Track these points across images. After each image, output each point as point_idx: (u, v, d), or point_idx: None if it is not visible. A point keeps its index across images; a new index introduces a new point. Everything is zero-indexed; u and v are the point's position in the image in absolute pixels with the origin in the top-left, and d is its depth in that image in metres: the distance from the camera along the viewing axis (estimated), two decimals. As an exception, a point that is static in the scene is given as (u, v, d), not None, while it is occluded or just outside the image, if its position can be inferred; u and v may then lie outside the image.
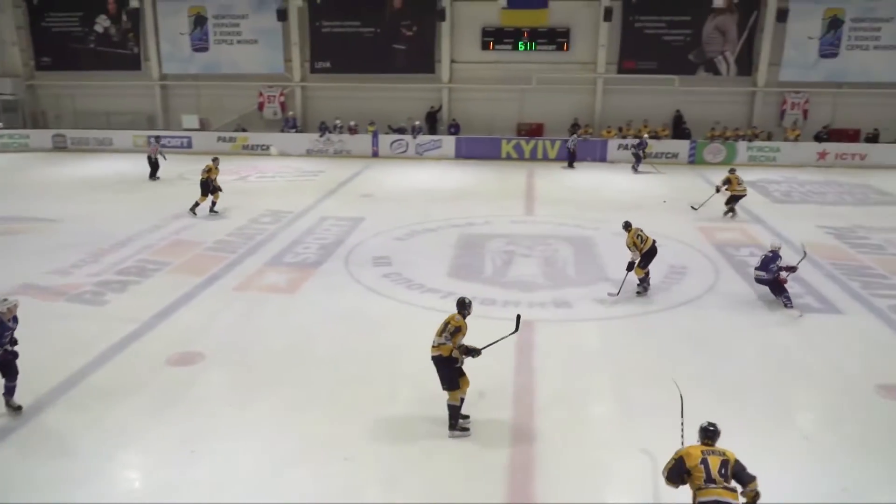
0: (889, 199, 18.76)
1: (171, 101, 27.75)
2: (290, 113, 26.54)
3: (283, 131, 26.29)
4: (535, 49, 25.06)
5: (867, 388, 8.16)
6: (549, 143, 24.50)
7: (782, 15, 23.78)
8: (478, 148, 24.76)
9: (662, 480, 5.47)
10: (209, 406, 7.68)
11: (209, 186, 16.10)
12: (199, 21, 26.52)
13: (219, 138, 25.84)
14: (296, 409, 7.61)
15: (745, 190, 16.41)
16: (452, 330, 7.07)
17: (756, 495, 5.19)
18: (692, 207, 16.71)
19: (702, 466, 5.18)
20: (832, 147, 23.82)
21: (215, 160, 16.45)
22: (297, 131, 26.18)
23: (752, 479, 5.19)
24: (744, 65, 24.83)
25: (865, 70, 24.54)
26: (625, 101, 25.21)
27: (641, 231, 11.21)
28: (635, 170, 22.53)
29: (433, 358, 7.15)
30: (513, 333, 7.34)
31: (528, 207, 17.68)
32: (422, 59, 25.74)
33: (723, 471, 5.17)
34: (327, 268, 12.51)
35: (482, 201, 17.97)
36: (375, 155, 25.12)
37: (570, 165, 23.26)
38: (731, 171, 16.71)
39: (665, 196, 18.64)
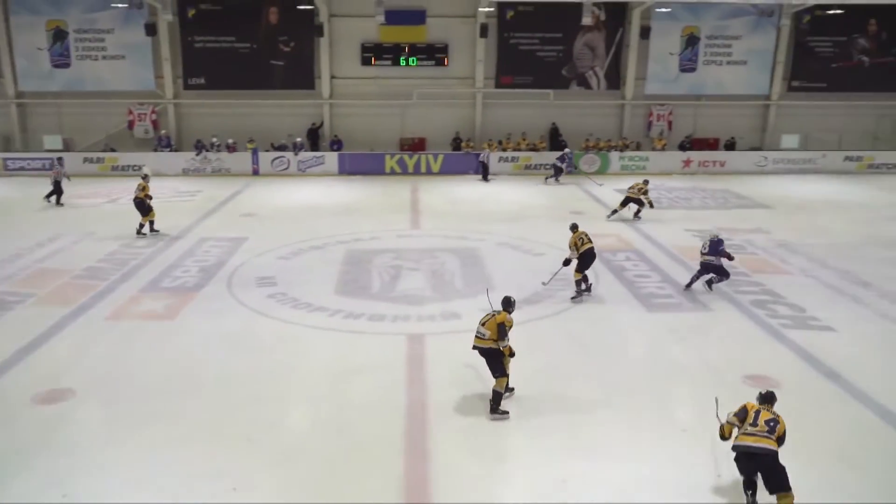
0: (747, 202, 20.24)
1: (30, 121, 25.92)
2: (164, 131, 25.44)
3: (156, 150, 25.15)
4: (415, 64, 25.32)
5: (736, 379, 8.74)
6: (431, 157, 24.78)
7: (645, 32, 25.25)
8: (361, 163, 24.69)
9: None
10: (82, 445, 7.18)
11: (145, 205, 15.58)
12: (59, 35, 24.98)
13: (85, 159, 24.38)
14: (179, 441, 7.25)
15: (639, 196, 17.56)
16: (509, 329, 7.87)
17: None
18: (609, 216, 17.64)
19: (754, 415, 6.19)
20: (695, 155, 25.47)
21: (146, 177, 15.98)
22: (171, 150, 25.13)
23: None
24: (612, 79, 26.14)
25: (720, 83, 26.46)
26: (504, 115, 25.90)
27: (585, 235, 11.71)
28: (556, 180, 23.27)
29: (484, 349, 7.89)
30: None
31: (414, 221, 17.79)
32: (301, 75, 25.41)
33: (771, 424, 6.09)
34: (209, 291, 12.05)
35: (368, 217, 17.92)
36: (256, 173, 24.51)
37: (485, 179, 23.74)
38: (646, 181, 18.00)
39: (549, 205, 19.29)
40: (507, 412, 7.75)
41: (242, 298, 11.65)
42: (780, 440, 6.08)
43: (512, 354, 8.07)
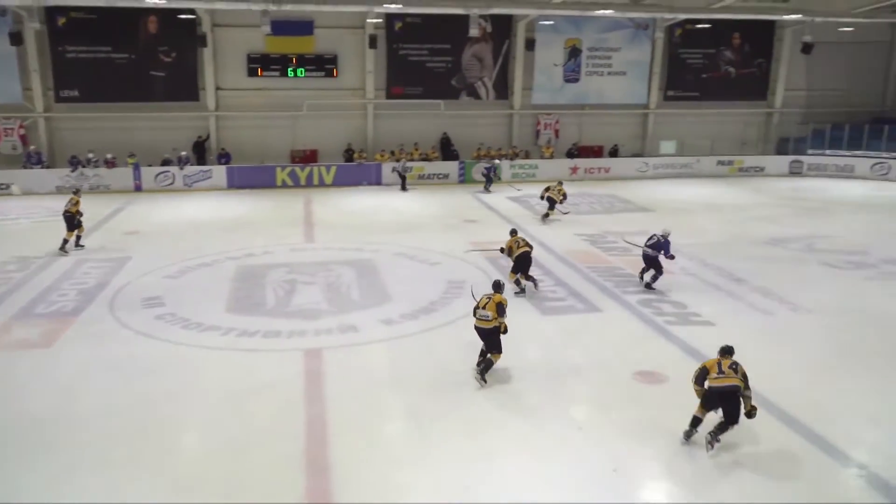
0: (630, 206, 21.20)
1: None
2: (33, 147, 23.87)
3: (25, 167, 23.56)
4: (304, 75, 25.00)
5: (626, 375, 9.12)
6: (324, 169, 24.51)
7: (530, 44, 26.03)
8: (251, 177, 24.09)
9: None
10: (-51, 488, 6.61)
11: (74, 220, 15.21)
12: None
13: (-56, 178, 22.56)
14: (61, 477, 6.80)
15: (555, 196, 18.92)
16: (504, 308, 8.97)
17: (753, 409, 7.35)
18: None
19: (716, 366, 7.43)
20: (582, 162, 26.47)
21: (77, 192, 15.86)
22: (43, 167, 23.62)
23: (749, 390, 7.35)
24: (501, 89, 26.78)
25: (602, 93, 27.67)
26: (395, 126, 26.00)
27: (522, 240, 12.54)
28: (487, 190, 23.59)
29: (484, 329, 8.95)
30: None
31: (308, 234, 17.51)
32: (184, 87, 24.54)
33: (733, 367, 7.40)
34: (89, 315, 11.38)
35: (260, 231, 17.49)
36: (138, 189, 23.42)
37: (403, 188, 23.77)
38: (560, 182, 19.70)
39: (437, 214, 19.47)
40: (486, 382, 8.79)
41: (127, 321, 11.08)
42: (745, 378, 7.37)
43: (505, 331, 9.00)
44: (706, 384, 7.43)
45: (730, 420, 7.30)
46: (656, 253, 12.60)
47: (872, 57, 29.85)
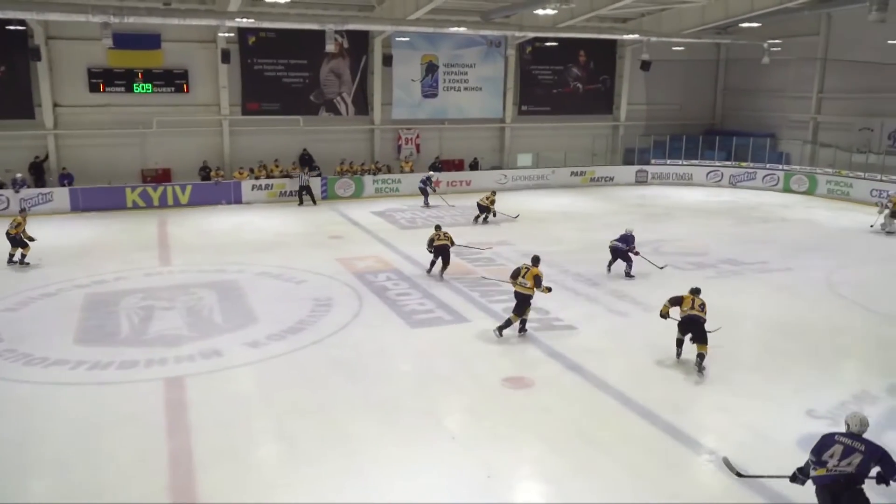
0: (491, 217, 21.76)
1: None
2: None
3: None
4: (152, 91, 23.81)
5: (495, 382, 9.36)
6: (178, 189, 23.41)
7: (387, 60, 26.24)
8: (98, 199, 22.56)
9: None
10: None
11: (20, 240, 15.36)
12: None
13: None
14: None
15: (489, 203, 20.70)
16: (541, 280, 10.86)
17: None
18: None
19: (690, 301, 9.99)
20: (444, 176, 26.93)
21: (23, 211, 16.59)
22: None
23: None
24: (360, 105, 26.79)
25: (460, 108, 28.38)
26: (253, 142, 25.32)
27: (444, 234, 14.57)
28: (426, 205, 23.39)
29: (522, 294, 10.86)
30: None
31: (164, 257, 16.65)
32: (17, 103, 22.60)
33: (701, 306, 9.96)
34: (-89, 357, 10.22)
35: (110, 256, 16.40)
36: (-34, 215, 21.31)
37: (312, 202, 23.62)
38: (493, 192, 21.46)
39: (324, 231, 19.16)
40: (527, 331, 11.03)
41: (-42, 361, 10.05)
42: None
43: (549, 290, 11.13)
44: (680, 314, 9.94)
45: (699, 341, 9.69)
46: (624, 246, 14.59)
47: (703, 74, 32.66)
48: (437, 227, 14.91)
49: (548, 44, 28.47)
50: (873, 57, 25.48)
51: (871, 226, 19.60)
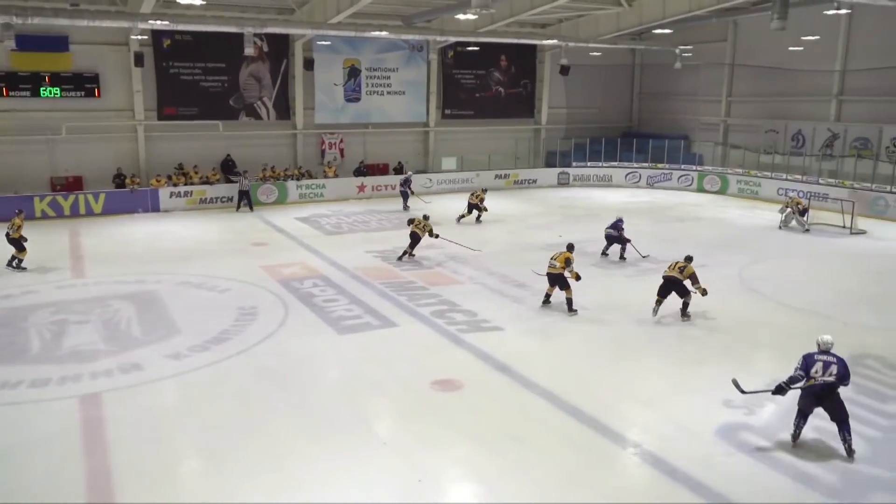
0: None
1: None
2: None
3: None
4: (60, 95, 22.77)
5: (424, 386, 9.37)
6: (91, 197, 22.45)
7: (309, 64, 25.90)
8: (4, 208, 21.18)
9: None
10: None
11: (20, 242, 15.40)
12: None
13: None
14: None
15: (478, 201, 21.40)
16: (571, 262, 12.47)
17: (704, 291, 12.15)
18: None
19: (674, 264, 12.22)
20: (369, 180, 26.80)
21: (20, 213, 15.96)
22: None
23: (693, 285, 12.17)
24: (282, 109, 26.36)
25: (384, 112, 28.31)
26: (171, 148, 24.56)
27: (420, 222, 16.61)
28: (406, 208, 23.36)
29: (552, 274, 12.51)
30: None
31: (77, 269, 15.92)
32: None
33: (681, 268, 12.09)
34: None
35: (16, 270, 15.59)
36: None
37: (249, 207, 23.36)
38: (484, 190, 22.39)
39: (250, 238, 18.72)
40: (577, 310, 12.41)
41: None
42: (691, 277, 12.07)
43: (578, 278, 12.48)
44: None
45: (682, 296, 12.13)
46: (615, 232, 16.35)
47: (620, 78, 33.68)
48: (426, 217, 16.91)
49: (469, 48, 28.75)
50: (776, 62, 26.87)
51: (780, 227, 20.59)
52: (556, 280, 12.54)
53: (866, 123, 25.01)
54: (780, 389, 7.97)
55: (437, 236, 16.84)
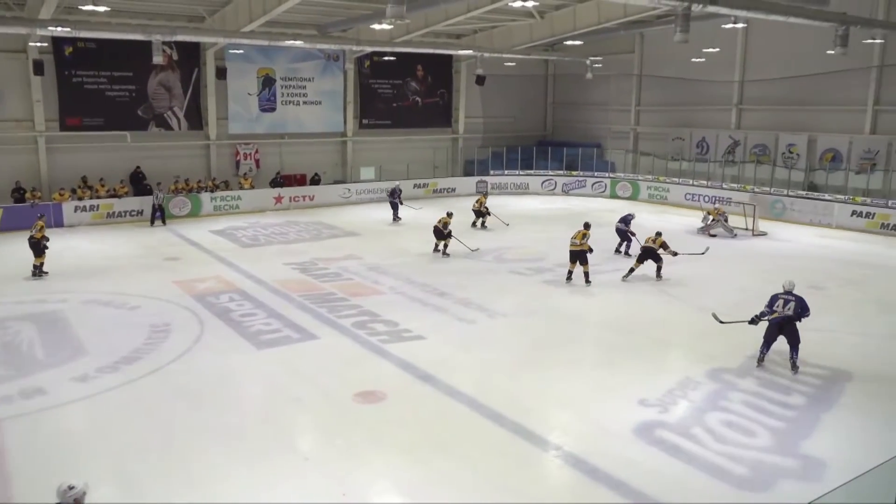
0: (337, 231, 21.64)
1: None
2: None
3: None
4: (-50, 106, 21.44)
5: (346, 398, 9.26)
6: (-12, 213, 21.20)
7: (221, 73, 25.33)
8: None
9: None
10: None
11: (40, 246, 15.50)
12: None
13: None
14: None
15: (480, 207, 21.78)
16: (588, 237, 14.84)
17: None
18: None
19: (648, 238, 15.13)
20: (286, 191, 26.36)
21: (42, 217, 16.35)
22: None
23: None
24: (194, 119, 25.63)
25: (300, 122, 27.94)
26: (75, 160, 23.45)
27: (443, 218, 17.93)
28: (396, 219, 23.20)
29: (575, 251, 14.74)
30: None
31: (-28, 289, 14.99)
32: None
33: (652, 240, 15.07)
34: None
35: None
36: None
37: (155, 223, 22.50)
38: (485, 195, 22.99)
39: (143, 254, 18.02)
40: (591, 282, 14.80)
41: None
42: (662, 245, 15.07)
43: (590, 251, 14.91)
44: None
45: (657, 262, 15.22)
46: (623, 225, 17.51)
47: (534, 88, 34.41)
48: (449, 214, 18.07)
49: (386, 58, 28.72)
50: (681, 73, 28.07)
51: (699, 231, 21.29)
52: (577, 256, 14.74)
53: (764, 131, 26.45)
54: (754, 321, 10.25)
55: (448, 234, 18.12)
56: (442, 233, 18.05)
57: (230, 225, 22.39)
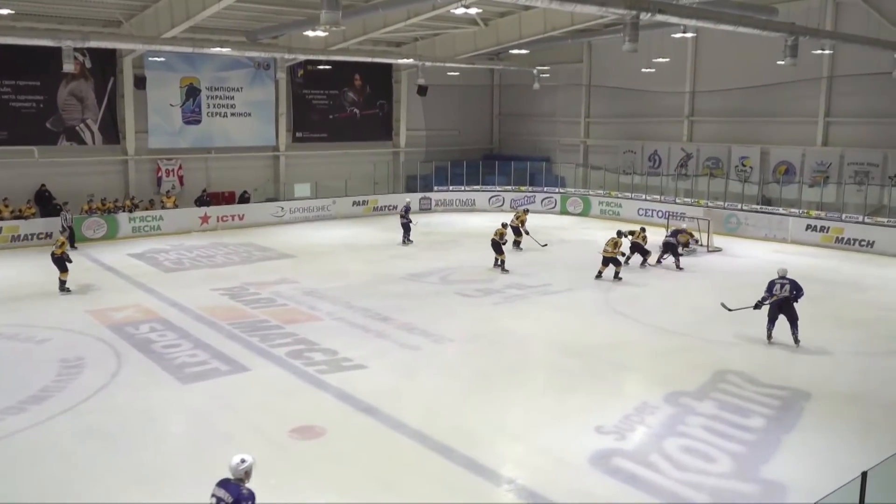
0: (271, 253, 21.38)
1: None
2: None
3: None
4: None
5: (282, 435, 9.10)
6: None
7: (140, 82, 24.87)
8: None
9: None
10: None
11: (63, 261, 16.27)
12: None
13: None
14: None
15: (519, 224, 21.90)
16: (618, 244, 17.56)
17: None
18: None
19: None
20: (213, 210, 25.93)
21: (64, 231, 18.04)
22: None
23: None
24: (110, 133, 25.03)
25: (228, 135, 27.59)
26: (-25, 178, 22.66)
27: (498, 229, 18.94)
28: (407, 240, 22.70)
29: (606, 257, 17.27)
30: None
31: None
32: None
33: (635, 235, 18.79)
34: None
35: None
36: None
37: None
38: (525, 210, 23.24)
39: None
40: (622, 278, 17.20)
41: None
42: (643, 239, 18.71)
43: (624, 255, 18.20)
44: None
45: (643, 255, 18.66)
46: (674, 239, 19.06)
47: (479, 99, 34.92)
48: (504, 225, 19.25)
49: (321, 67, 28.70)
50: (631, 84, 28.83)
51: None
52: (609, 261, 17.26)
53: (716, 143, 27.37)
54: (758, 306, 12.72)
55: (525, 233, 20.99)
56: (500, 246, 18.63)
57: (151, 248, 21.88)
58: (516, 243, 21.51)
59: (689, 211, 24.68)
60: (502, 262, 18.69)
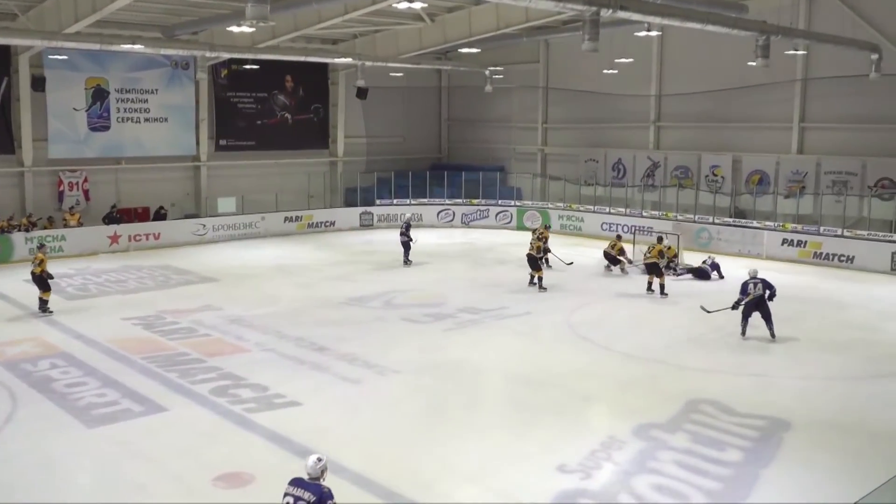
0: (191, 277, 21.11)
1: None
2: None
3: None
4: None
5: (205, 484, 8.95)
6: None
7: (39, 83, 24.40)
8: None
9: None
10: None
11: (44, 280, 16.57)
12: None
13: None
14: None
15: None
16: (663, 252, 19.33)
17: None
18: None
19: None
20: (124, 229, 25.47)
21: (42, 247, 17.57)
22: None
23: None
24: (3, 141, 24.50)
25: (141, 143, 27.24)
26: None
27: (531, 242, 19.69)
28: (407, 262, 22.64)
29: (648, 264, 18.63)
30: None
31: None
32: None
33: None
34: None
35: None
36: None
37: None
38: (546, 226, 23.58)
39: None
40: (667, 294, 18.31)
41: None
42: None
43: (666, 262, 19.75)
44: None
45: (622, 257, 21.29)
46: (710, 268, 20.87)
47: (425, 103, 35.19)
48: (539, 237, 20.35)
49: (247, 66, 28.55)
50: (592, 86, 29.34)
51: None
52: (653, 269, 18.32)
53: (685, 151, 28.03)
54: (735, 306, 14.66)
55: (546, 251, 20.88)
56: (537, 261, 19.07)
57: (52, 272, 21.33)
58: (545, 261, 21.51)
59: (656, 225, 25.08)
60: (539, 279, 18.98)
